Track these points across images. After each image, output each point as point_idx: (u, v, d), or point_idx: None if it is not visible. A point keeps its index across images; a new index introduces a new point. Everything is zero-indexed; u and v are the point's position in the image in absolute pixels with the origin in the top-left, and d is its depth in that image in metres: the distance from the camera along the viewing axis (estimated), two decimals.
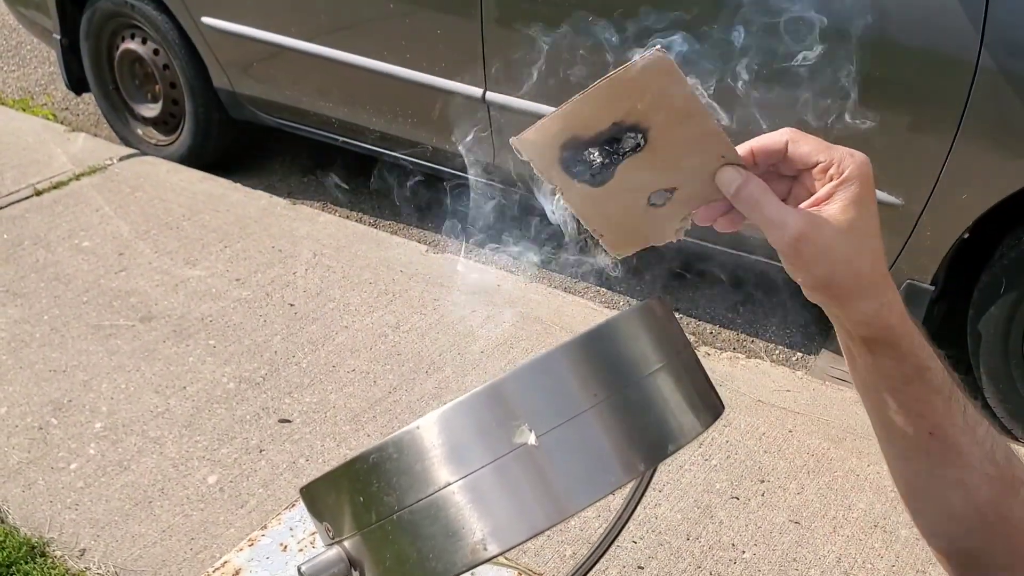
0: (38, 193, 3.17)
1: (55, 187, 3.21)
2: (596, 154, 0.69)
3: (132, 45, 3.46)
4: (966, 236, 2.23)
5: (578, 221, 0.76)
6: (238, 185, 3.28)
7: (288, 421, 2.26)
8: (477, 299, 2.70)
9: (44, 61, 4.51)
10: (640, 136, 0.67)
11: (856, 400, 2.33)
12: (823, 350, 2.68)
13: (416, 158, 3.04)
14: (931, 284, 2.31)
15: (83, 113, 4.07)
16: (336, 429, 2.23)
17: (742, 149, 0.67)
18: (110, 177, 3.28)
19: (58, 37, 3.60)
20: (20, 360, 2.43)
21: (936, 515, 0.72)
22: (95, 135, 3.75)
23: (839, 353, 2.64)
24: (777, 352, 2.70)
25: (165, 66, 3.41)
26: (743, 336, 2.76)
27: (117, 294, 2.68)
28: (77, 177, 3.27)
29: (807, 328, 2.80)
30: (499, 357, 2.45)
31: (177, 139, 3.53)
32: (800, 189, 0.67)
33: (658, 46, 0.64)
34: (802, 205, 0.65)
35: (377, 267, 2.84)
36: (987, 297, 2.29)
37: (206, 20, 3.13)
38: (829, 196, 0.63)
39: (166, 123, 3.56)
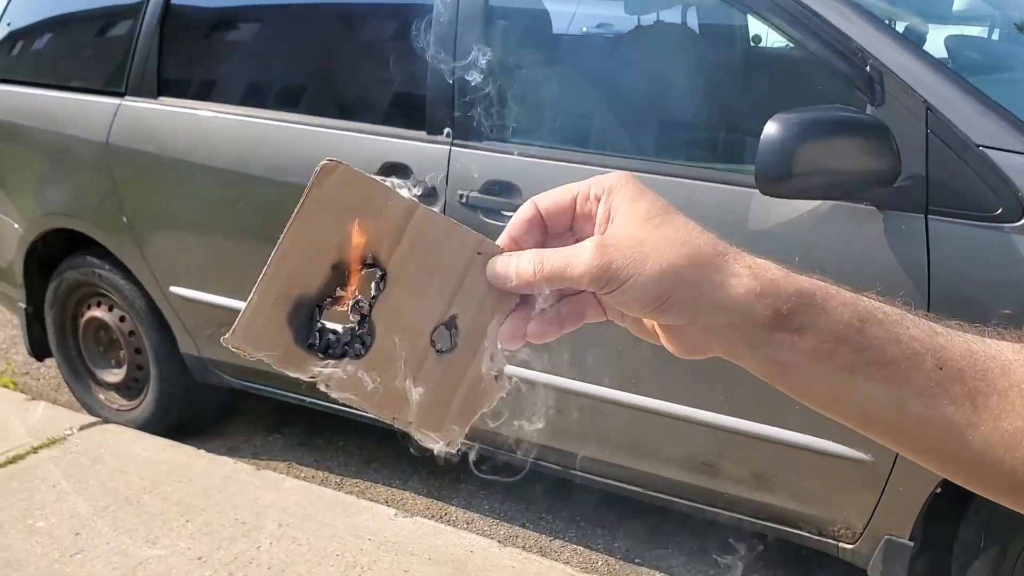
0: None
1: (11, 462, 3.12)
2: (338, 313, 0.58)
3: (98, 312, 3.49)
4: (938, 491, 2.22)
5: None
6: (202, 452, 3.21)
7: None
8: (448, 569, 2.60)
9: (5, 324, 4.52)
10: (375, 268, 0.57)
11: None
12: None
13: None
14: (910, 539, 2.28)
15: (44, 377, 4.04)
16: None
17: (502, 242, 0.60)
18: (69, 448, 3.20)
19: (23, 306, 3.63)
20: None
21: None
22: (55, 401, 3.71)
23: None
24: None
25: (131, 332, 3.43)
26: None
27: None
28: (35, 450, 3.19)
29: None
30: None
31: (140, 404, 3.50)
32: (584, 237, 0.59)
33: (326, 158, 0.57)
34: None
35: (344, 536, 2.75)
36: (968, 551, 2.26)
37: (174, 289, 3.18)
38: (608, 211, 0.57)
39: (129, 388, 3.54)
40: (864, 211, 2.13)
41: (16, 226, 3.50)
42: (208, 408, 3.66)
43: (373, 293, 0.57)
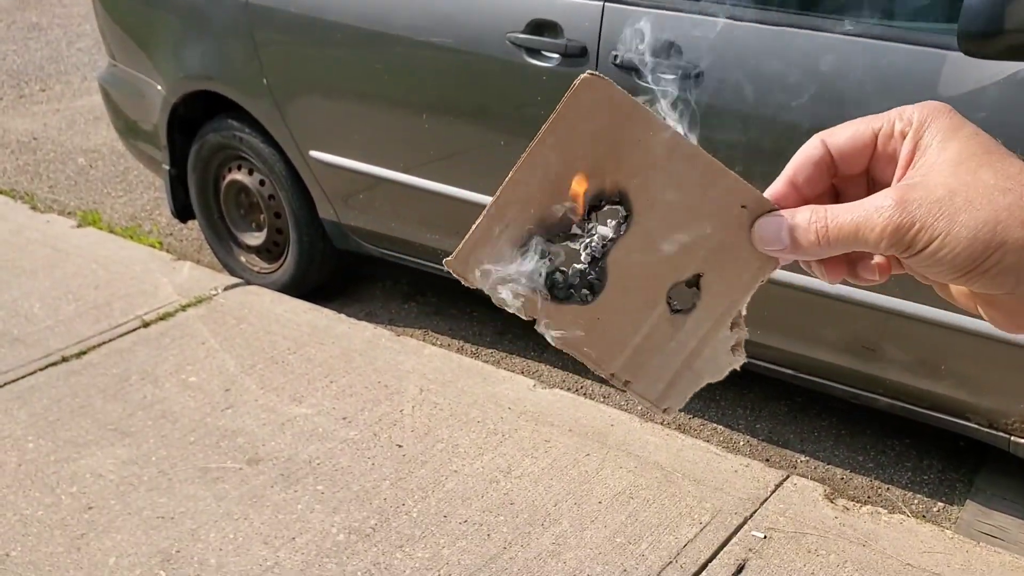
0: (145, 325, 3.19)
1: (162, 318, 3.22)
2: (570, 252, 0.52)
3: (239, 176, 3.51)
4: None
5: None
6: (342, 316, 3.25)
7: None
8: (590, 441, 2.58)
9: (149, 187, 4.64)
10: (620, 206, 0.50)
11: (1017, 566, 2.13)
12: (968, 501, 2.48)
13: None
14: None
15: (187, 239, 4.14)
16: None
17: (777, 189, 0.50)
18: (215, 308, 3.29)
19: (167, 167, 3.68)
20: (128, 505, 2.39)
21: None
22: (199, 262, 3.80)
23: (986, 505, 2.45)
24: (916, 502, 2.51)
25: (271, 196, 3.45)
26: (877, 483, 2.58)
27: (224, 433, 2.64)
28: (183, 308, 3.29)
29: (945, 473, 2.61)
30: (619, 509, 2.32)
31: (280, 267, 3.55)
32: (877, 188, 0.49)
33: (588, 71, 0.48)
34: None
35: (485, 404, 2.76)
36: None
37: (314, 154, 3.16)
38: (913, 151, 0.47)
39: (269, 251, 3.59)
40: None
41: (159, 88, 3.52)
42: (346, 274, 3.70)
43: (612, 235, 0.51)
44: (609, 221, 0.51)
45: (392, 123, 3.00)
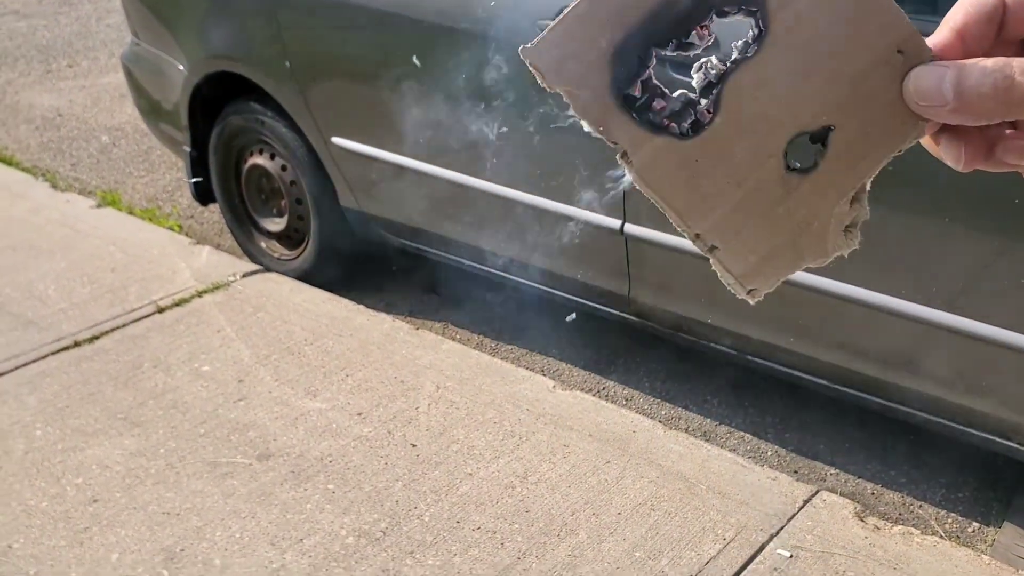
0: (160, 310, 3.13)
1: (178, 304, 3.17)
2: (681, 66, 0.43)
3: (260, 160, 3.44)
4: None
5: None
6: (361, 307, 3.17)
7: None
8: (611, 448, 2.49)
9: (172, 167, 4.58)
10: (756, 16, 0.40)
11: None
12: (1005, 523, 2.37)
13: (545, 287, 2.89)
14: None
15: (207, 222, 4.08)
16: None
17: (939, 39, 0.40)
18: (233, 295, 3.22)
19: (188, 149, 3.62)
20: (134, 499, 2.33)
21: None
22: (218, 245, 3.74)
23: None
24: (950, 521, 2.40)
25: (292, 182, 3.37)
26: (908, 499, 2.47)
27: (235, 427, 2.57)
28: (200, 294, 3.22)
29: (981, 492, 2.50)
30: (639, 522, 2.23)
31: (301, 254, 3.47)
32: None
33: None
34: None
35: (502, 404, 2.67)
36: None
37: (336, 140, 3.08)
38: None
39: (290, 238, 3.52)
40: None
41: (181, 68, 3.45)
42: (366, 263, 3.62)
43: (736, 55, 0.40)
44: (737, 39, 0.40)
45: (416, 111, 2.90)
